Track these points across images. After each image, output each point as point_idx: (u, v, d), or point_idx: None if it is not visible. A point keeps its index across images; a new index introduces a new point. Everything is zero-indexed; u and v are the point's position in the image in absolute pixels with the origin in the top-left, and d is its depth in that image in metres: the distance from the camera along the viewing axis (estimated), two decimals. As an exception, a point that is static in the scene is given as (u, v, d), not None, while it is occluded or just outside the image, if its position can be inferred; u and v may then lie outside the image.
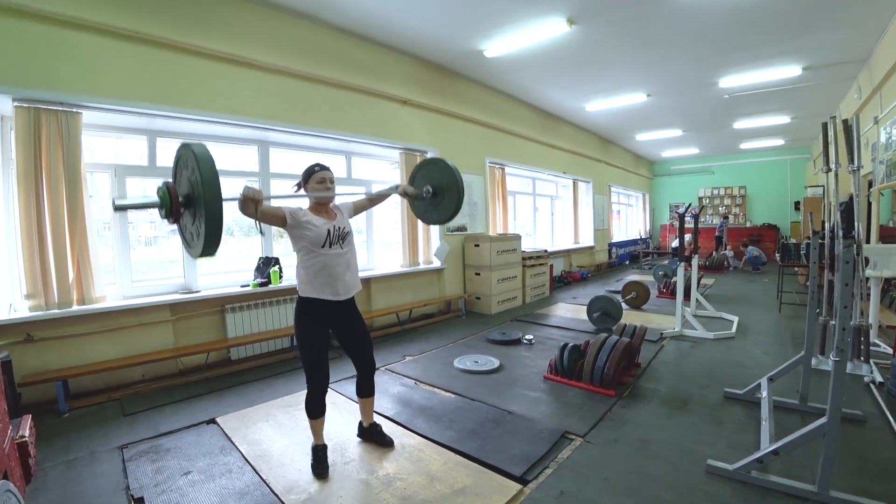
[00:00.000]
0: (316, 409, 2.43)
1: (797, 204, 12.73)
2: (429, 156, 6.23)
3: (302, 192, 2.49)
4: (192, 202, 1.54)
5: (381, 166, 6.27)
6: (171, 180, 1.62)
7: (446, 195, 2.68)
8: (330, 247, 2.34)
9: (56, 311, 3.36)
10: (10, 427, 2.26)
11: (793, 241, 8.35)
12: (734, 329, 5.07)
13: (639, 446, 2.61)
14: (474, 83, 7.05)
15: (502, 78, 6.93)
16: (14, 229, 3.34)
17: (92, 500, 2.21)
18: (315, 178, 2.43)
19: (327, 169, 2.48)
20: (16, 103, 3.19)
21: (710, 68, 6.51)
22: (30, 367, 3.27)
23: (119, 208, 1.53)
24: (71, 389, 3.38)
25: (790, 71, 6.45)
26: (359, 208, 2.71)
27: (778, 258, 7.05)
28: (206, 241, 1.51)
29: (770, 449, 2.18)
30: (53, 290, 3.36)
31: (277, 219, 2.27)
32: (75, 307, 3.46)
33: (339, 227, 2.41)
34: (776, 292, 6.65)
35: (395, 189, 2.72)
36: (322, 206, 2.46)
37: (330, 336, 2.47)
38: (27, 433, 2.43)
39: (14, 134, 3.25)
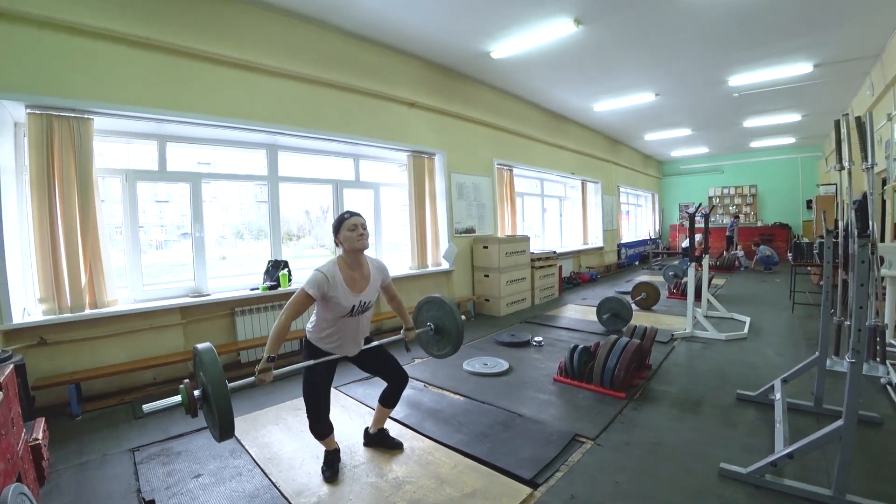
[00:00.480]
0: (321, 433, 2.39)
1: (809, 202, 12.57)
2: (436, 158, 6.26)
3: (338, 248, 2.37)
4: (207, 398, 1.78)
5: (390, 169, 6.29)
6: (188, 381, 1.84)
7: (445, 336, 2.79)
8: (351, 316, 2.31)
9: (69, 314, 3.40)
10: (24, 430, 2.29)
11: (805, 240, 8.24)
12: (746, 330, 5.01)
13: (650, 449, 2.59)
14: (481, 85, 7.04)
15: (509, 79, 6.92)
16: (28, 234, 3.38)
17: (104, 502, 2.23)
18: (346, 226, 2.26)
19: (358, 215, 2.31)
20: (28, 110, 3.24)
21: (718, 67, 6.45)
22: (43, 371, 3.31)
23: (149, 412, 1.77)
24: (83, 392, 3.42)
25: (801, 68, 6.37)
26: (387, 291, 2.56)
27: (790, 258, 6.96)
28: (221, 431, 1.74)
29: (784, 452, 2.14)
30: (66, 294, 3.41)
31: (303, 311, 2.19)
32: (87, 311, 3.50)
33: (364, 303, 2.33)
34: (789, 292, 6.57)
35: (405, 329, 2.72)
36: (356, 255, 2.31)
37: (335, 371, 2.43)
38: (41, 436, 2.45)
39: (27, 140, 3.30)
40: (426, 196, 6.16)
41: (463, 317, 2.71)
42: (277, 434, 2.91)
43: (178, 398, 1.77)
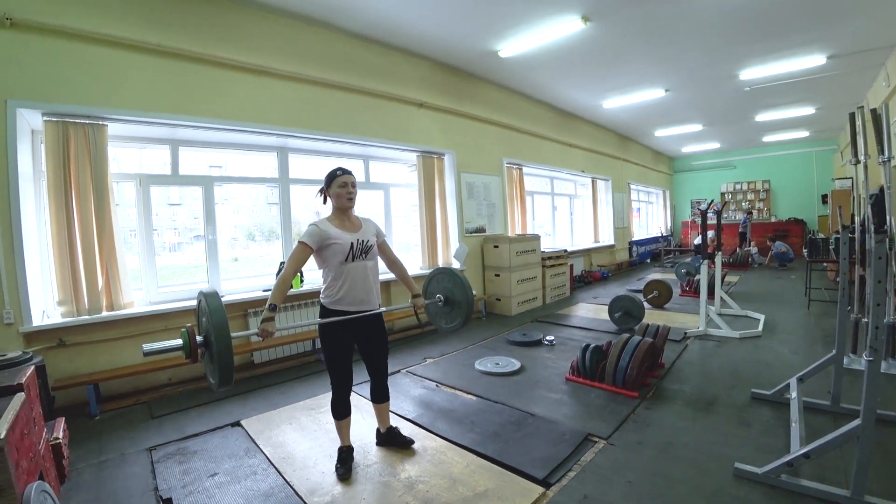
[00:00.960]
0: (341, 411, 2.47)
1: (824, 197, 12.34)
2: (445, 158, 6.26)
3: (328, 202, 2.49)
4: (209, 345, 1.76)
5: (399, 169, 6.30)
6: (191, 324, 1.86)
7: (455, 309, 2.79)
8: (353, 260, 2.35)
9: (86, 317, 3.46)
10: (45, 429, 2.34)
11: (821, 235, 8.11)
12: (761, 328, 4.95)
13: (663, 449, 2.57)
14: (490, 84, 7.03)
15: (518, 78, 6.90)
16: (46, 239, 3.46)
17: (123, 501, 2.27)
18: (337, 183, 2.39)
19: (349, 173, 2.44)
20: (45, 118, 3.32)
21: (729, 61, 6.37)
22: (62, 371, 3.38)
23: (148, 353, 1.77)
24: (101, 392, 3.49)
25: (814, 60, 6.26)
26: (384, 252, 2.63)
27: (805, 254, 6.86)
28: (220, 377, 1.73)
29: (801, 452, 2.11)
30: (84, 297, 3.47)
31: (303, 261, 2.30)
32: (104, 313, 3.56)
33: (363, 241, 2.40)
34: (804, 289, 6.48)
35: (412, 297, 2.72)
36: (344, 213, 2.44)
37: (353, 342, 2.49)
38: (61, 435, 2.50)
39: (44, 147, 3.36)
40: (436, 196, 6.17)
41: (474, 292, 2.70)
42: (291, 433, 2.94)
43: (178, 341, 1.77)
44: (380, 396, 2.65)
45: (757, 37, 5.50)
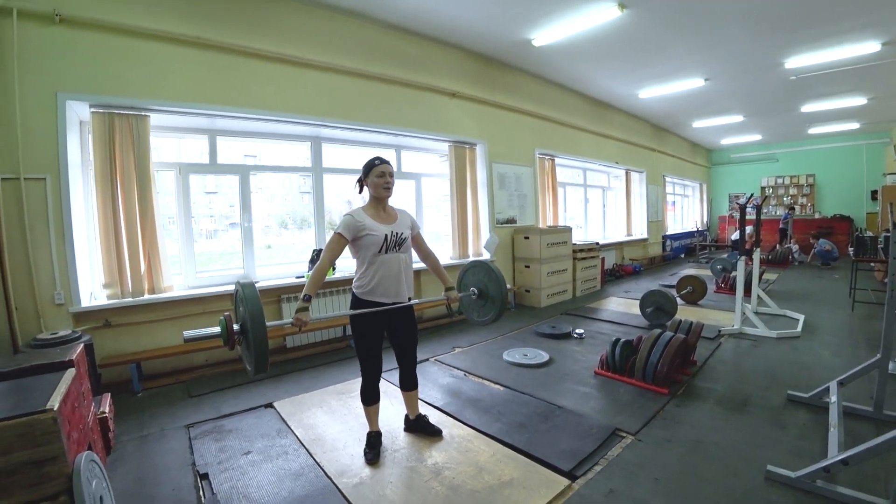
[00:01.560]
0: (370, 397, 2.52)
1: (874, 193, 11.70)
2: (477, 148, 6.24)
3: (365, 191, 2.49)
4: (245, 333, 1.82)
5: (431, 159, 6.32)
6: (229, 313, 1.91)
7: (488, 302, 2.77)
8: (387, 252, 2.37)
9: (130, 299, 3.63)
10: (93, 404, 2.48)
11: (869, 233, 7.72)
12: (800, 328, 4.76)
13: (693, 447, 2.53)
14: (523, 73, 6.95)
15: (551, 67, 6.79)
16: (93, 225, 3.63)
17: (163, 474, 2.39)
18: (375, 172, 2.39)
19: (387, 163, 2.44)
20: (92, 109, 3.47)
21: (774, 48, 6.09)
22: (108, 350, 3.56)
23: (188, 339, 1.83)
24: (143, 371, 3.67)
25: (867, 47, 5.91)
26: (418, 244, 2.65)
27: (851, 252, 6.55)
28: (256, 365, 1.79)
29: (839, 458, 2.03)
30: (128, 280, 3.64)
31: (339, 251, 2.34)
32: (146, 296, 3.73)
33: (397, 233, 2.41)
34: (848, 290, 6.19)
35: (445, 289, 2.70)
36: (380, 202, 2.45)
37: (383, 331, 2.52)
38: (107, 409, 2.65)
39: (91, 137, 3.53)
40: (467, 186, 6.16)
41: (508, 285, 2.69)
42: (322, 416, 3.03)
43: (217, 329, 1.83)
44: (409, 384, 2.69)
45: (805, 22, 5.23)
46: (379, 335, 2.48)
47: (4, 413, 1.53)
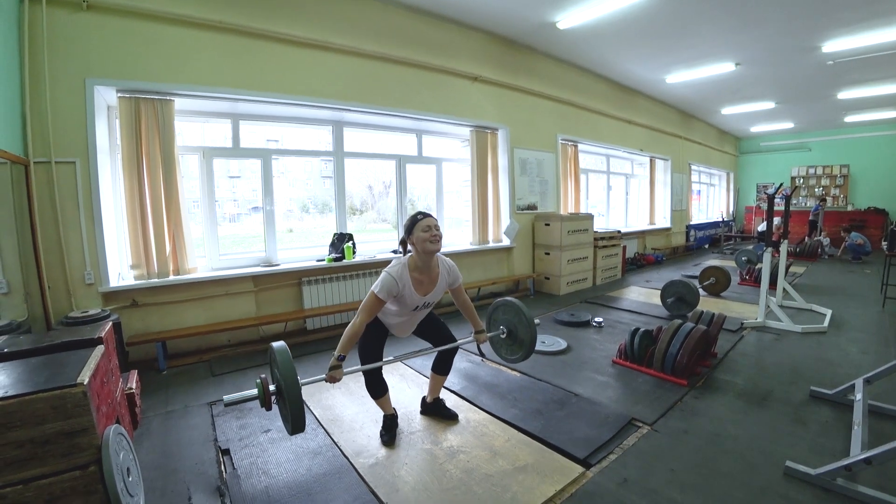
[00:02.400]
0: (377, 391, 2.52)
1: (912, 185, 11.26)
2: (499, 133, 6.19)
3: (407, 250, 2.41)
4: (281, 394, 1.90)
5: (452, 144, 6.29)
6: (264, 376, 1.98)
7: (517, 343, 2.74)
8: (413, 311, 2.42)
9: (156, 280, 3.74)
10: (121, 380, 2.57)
11: (905, 227, 7.41)
12: (826, 323, 4.63)
13: (710, 440, 2.50)
14: (546, 57, 6.81)
15: (575, 51, 6.64)
16: (121, 208, 3.73)
17: (186, 448, 2.48)
18: (420, 227, 2.24)
19: (431, 216, 2.30)
20: (119, 94, 3.55)
21: (811, 31, 5.82)
22: (135, 329, 3.68)
23: (229, 404, 1.89)
24: (168, 350, 3.78)
25: (912, 31, 5.62)
26: (457, 295, 2.59)
27: (885, 247, 6.30)
28: (293, 425, 1.86)
29: (862, 457, 1.98)
30: (154, 262, 3.74)
31: (375, 312, 2.27)
32: (171, 277, 3.83)
33: (428, 303, 2.43)
34: (880, 285, 5.98)
35: (475, 332, 2.67)
36: (429, 258, 2.31)
37: (386, 336, 2.55)
38: (134, 386, 2.75)
39: (118, 122, 3.61)
40: (488, 171, 6.12)
41: (537, 321, 2.68)
42: (340, 398, 3.08)
43: (254, 391, 1.92)
44: (443, 369, 2.68)
45: (846, 2, 4.97)
46: (383, 337, 2.53)
47: (39, 386, 1.60)
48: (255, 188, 4.77)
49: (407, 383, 3.27)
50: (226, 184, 5.21)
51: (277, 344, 1.94)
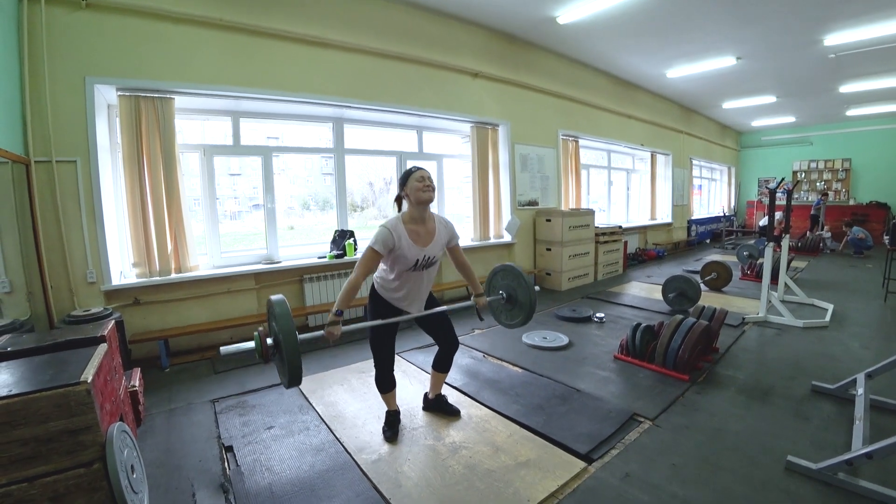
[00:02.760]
0: (386, 386, 2.54)
1: (915, 178, 11.20)
2: (500, 129, 6.17)
3: (403, 206, 2.42)
4: (279, 347, 1.87)
5: (453, 140, 6.28)
6: (262, 328, 1.96)
7: (517, 307, 2.73)
8: (415, 270, 2.36)
9: (158, 278, 3.75)
10: (124, 378, 2.58)
11: (907, 221, 7.40)
12: (828, 318, 4.63)
13: (712, 435, 2.50)
14: (547, 52, 6.79)
15: (576, 45, 6.62)
16: (122, 206, 3.74)
17: (190, 445, 2.49)
18: (415, 177, 2.29)
19: (424, 169, 2.35)
20: (119, 93, 3.55)
21: (813, 24, 5.79)
22: (138, 327, 3.69)
23: (225, 354, 1.88)
24: (171, 348, 3.79)
25: (916, 24, 5.59)
26: (454, 254, 2.59)
27: (887, 241, 6.29)
28: (290, 378, 1.83)
29: (863, 451, 1.98)
30: (155, 260, 3.75)
31: (373, 267, 2.29)
32: (173, 275, 3.84)
33: (428, 258, 2.37)
34: (882, 280, 5.98)
35: (475, 295, 2.68)
36: (422, 209, 2.34)
37: (397, 326, 2.52)
38: (137, 383, 2.76)
39: (119, 120, 3.61)
40: (489, 167, 6.11)
41: (537, 287, 2.67)
42: (342, 394, 3.09)
43: (251, 343, 1.90)
44: (443, 366, 2.69)
45: (847, -4, 4.95)
46: (393, 330, 2.50)
47: (42, 384, 1.60)
48: (255, 185, 4.77)
49: (409, 379, 3.28)
50: (227, 181, 5.20)
51: (276, 297, 1.93)
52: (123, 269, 3.79)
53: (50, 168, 3.26)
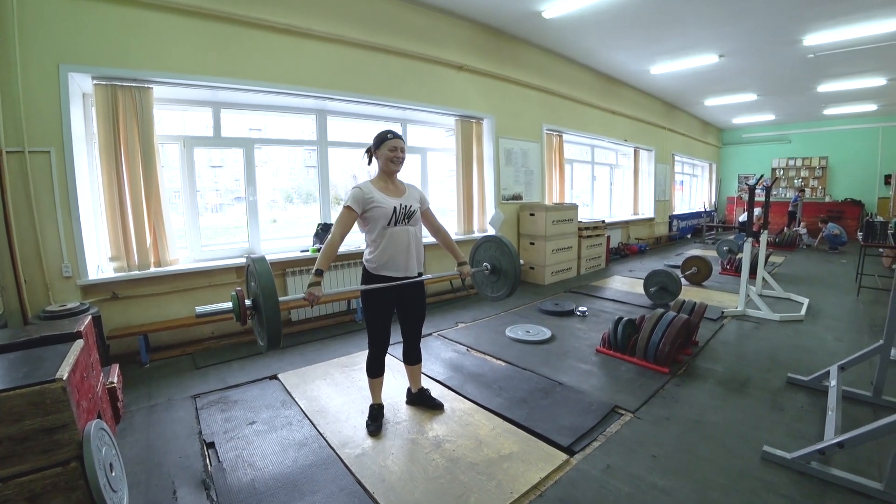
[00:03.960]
0: (376, 369, 2.56)
1: (888, 177, 11.51)
2: (484, 123, 6.17)
3: (374, 163, 2.49)
4: (258, 308, 1.81)
5: (437, 133, 6.26)
6: (240, 288, 1.90)
7: (501, 277, 2.74)
8: (395, 224, 2.36)
9: (136, 272, 3.67)
10: (102, 374, 2.53)
11: (879, 219, 7.61)
12: (803, 311, 4.76)
13: (691, 426, 2.56)
14: (532, 47, 6.79)
15: (561, 40, 6.63)
16: (98, 198, 3.64)
17: (170, 442, 2.46)
18: (387, 146, 2.38)
19: (399, 137, 2.43)
20: (95, 81, 3.44)
21: (792, 24, 5.89)
22: (116, 322, 3.62)
23: (200, 315, 1.83)
24: (151, 343, 3.72)
25: (891, 24, 5.71)
26: (428, 219, 2.63)
27: (860, 237, 6.46)
28: (269, 340, 1.78)
29: (835, 441, 2.05)
30: (134, 253, 3.67)
31: (349, 225, 2.31)
32: (153, 269, 3.76)
33: (406, 206, 2.40)
34: (855, 275, 6.15)
35: (458, 264, 2.69)
36: (390, 176, 2.44)
37: (393, 305, 2.53)
38: (116, 380, 2.70)
39: (95, 110, 3.51)
40: (473, 161, 6.11)
41: (521, 261, 2.68)
42: (325, 388, 3.08)
43: (228, 304, 1.84)
44: (412, 358, 2.72)
45: (826, -3, 5.04)
46: (389, 309, 2.50)
47: (16, 382, 1.56)
48: (237, 178, 4.69)
49: (393, 373, 3.28)
50: (208, 173, 5.11)
51: (256, 255, 1.89)
52: (101, 263, 3.71)
53: (22, 158, 3.16)
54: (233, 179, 5.04)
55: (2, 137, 3.06)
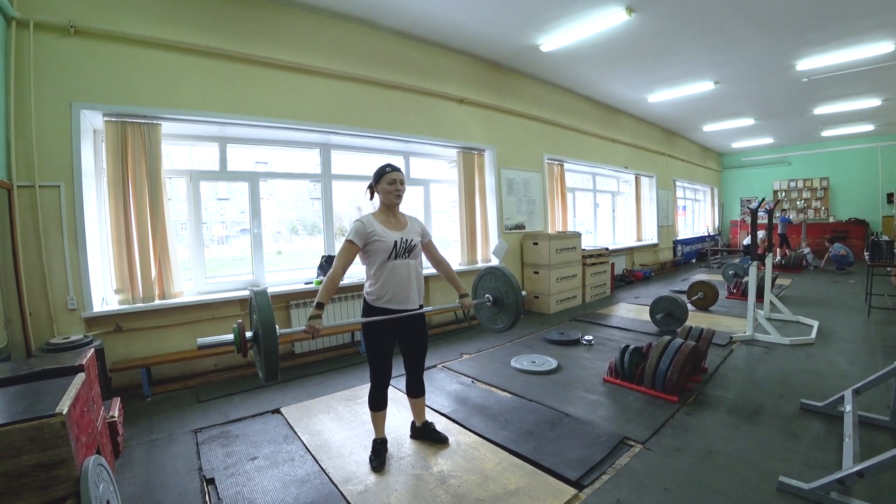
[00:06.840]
0: (378, 403, 2.51)
1: (890, 196, 11.51)
2: (486, 154, 6.25)
3: (376, 198, 2.51)
4: (257, 340, 1.85)
5: (439, 165, 6.34)
6: (241, 321, 1.94)
7: (503, 309, 2.76)
8: (396, 258, 2.37)
9: (141, 304, 3.68)
10: (103, 408, 2.50)
11: (885, 237, 7.57)
12: (814, 334, 4.68)
13: (703, 457, 2.48)
14: (531, 79, 6.95)
15: (560, 72, 6.79)
16: (105, 231, 3.69)
17: (170, 478, 2.41)
18: (386, 179, 2.41)
19: (398, 170, 2.46)
20: (105, 118, 3.55)
21: (785, 50, 6.02)
22: (119, 355, 3.61)
23: (202, 346, 1.86)
24: (153, 376, 3.70)
25: (880, 48, 5.82)
26: (429, 251, 2.65)
27: (867, 257, 6.42)
28: (267, 373, 1.81)
29: (854, 469, 1.97)
30: (139, 286, 3.69)
31: (351, 258, 2.33)
32: (157, 301, 3.77)
33: (407, 240, 2.41)
34: (864, 295, 6.08)
35: (459, 296, 2.71)
36: (391, 209, 2.47)
37: (395, 338, 2.52)
38: (116, 414, 2.67)
39: (105, 146, 3.60)
40: (476, 192, 6.17)
41: (524, 292, 2.67)
42: (328, 423, 3.03)
43: (230, 336, 1.85)
44: (416, 391, 2.68)
45: (816, 23, 5.17)
46: (390, 342, 2.48)
47: (16, 417, 1.54)
48: (243, 210, 4.75)
49: (397, 407, 3.23)
50: (214, 206, 5.18)
51: (258, 288, 1.92)
52: (105, 296, 3.72)
53: (33, 193, 3.22)
54: (239, 212, 5.10)
55: (14, 173, 3.13)
